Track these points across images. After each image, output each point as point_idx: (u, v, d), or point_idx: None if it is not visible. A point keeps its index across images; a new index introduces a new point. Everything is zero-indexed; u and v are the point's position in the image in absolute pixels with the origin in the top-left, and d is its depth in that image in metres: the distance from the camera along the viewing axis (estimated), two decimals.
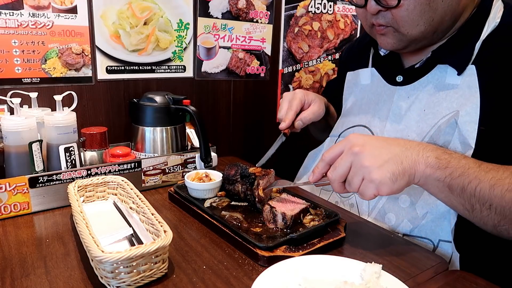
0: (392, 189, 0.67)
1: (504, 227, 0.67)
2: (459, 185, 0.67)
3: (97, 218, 0.82)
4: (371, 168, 0.67)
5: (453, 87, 0.81)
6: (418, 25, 0.78)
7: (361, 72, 1.05)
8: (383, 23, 0.82)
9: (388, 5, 0.78)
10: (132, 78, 1.30)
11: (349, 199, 0.98)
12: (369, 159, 0.67)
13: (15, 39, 1.09)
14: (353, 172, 0.69)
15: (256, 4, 1.48)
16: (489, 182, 0.65)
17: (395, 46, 0.85)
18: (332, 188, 0.73)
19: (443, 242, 0.79)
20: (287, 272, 0.63)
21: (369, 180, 0.67)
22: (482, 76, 0.77)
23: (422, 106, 0.85)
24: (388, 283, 0.61)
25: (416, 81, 0.88)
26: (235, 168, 0.91)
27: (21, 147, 0.91)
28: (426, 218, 0.82)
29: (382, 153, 0.68)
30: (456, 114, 0.78)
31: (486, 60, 0.78)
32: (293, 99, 0.97)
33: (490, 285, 0.67)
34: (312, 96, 1.00)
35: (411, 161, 0.68)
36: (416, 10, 0.76)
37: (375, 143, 0.70)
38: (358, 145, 0.69)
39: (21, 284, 0.63)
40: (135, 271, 0.62)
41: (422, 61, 0.87)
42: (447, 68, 0.83)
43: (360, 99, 1.03)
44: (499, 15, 0.80)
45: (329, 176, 0.72)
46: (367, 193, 0.68)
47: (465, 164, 0.67)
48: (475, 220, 0.70)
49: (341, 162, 0.70)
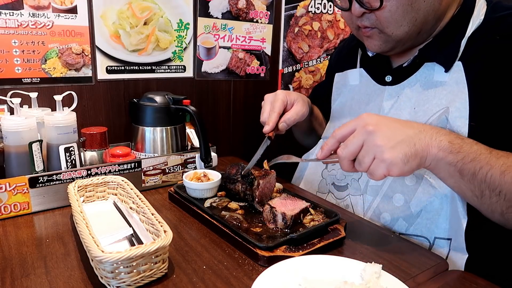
0: (402, 170, 0.67)
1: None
2: (470, 170, 0.67)
3: (97, 218, 0.82)
4: (384, 148, 0.66)
5: (442, 84, 0.82)
6: (402, 26, 0.79)
7: (350, 72, 1.05)
8: (368, 25, 0.83)
9: (372, 7, 0.79)
10: (132, 78, 1.30)
11: (344, 200, 0.99)
12: (382, 138, 0.67)
13: (15, 39, 1.09)
14: (365, 150, 0.68)
15: (256, 4, 1.48)
16: (500, 168, 0.66)
17: (381, 48, 0.86)
18: (341, 166, 0.73)
19: (439, 240, 0.80)
20: (287, 272, 0.63)
21: (381, 159, 0.66)
22: (469, 72, 0.78)
23: (412, 104, 0.86)
24: (388, 283, 0.61)
25: (405, 80, 0.89)
26: (236, 168, 0.91)
27: (21, 147, 0.91)
28: (420, 216, 0.83)
29: (396, 133, 0.68)
30: (446, 111, 0.79)
31: (472, 56, 0.79)
32: (275, 101, 0.94)
33: (491, 285, 0.67)
34: (294, 95, 0.97)
35: (424, 143, 0.68)
36: (399, 11, 0.77)
37: (389, 123, 0.70)
38: (372, 124, 0.68)
39: (21, 284, 0.63)
40: (135, 271, 0.62)
41: (409, 60, 0.88)
42: (435, 66, 0.84)
43: (349, 99, 1.03)
44: (482, 12, 0.81)
45: (340, 154, 0.71)
46: (377, 173, 0.68)
47: (477, 150, 0.68)
48: (483, 207, 0.70)
49: (353, 140, 0.69)
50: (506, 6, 0.80)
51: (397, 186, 0.86)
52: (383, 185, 0.89)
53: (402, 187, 0.85)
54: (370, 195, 0.91)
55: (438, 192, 0.80)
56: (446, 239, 0.79)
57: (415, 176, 0.84)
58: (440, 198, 0.80)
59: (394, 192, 0.87)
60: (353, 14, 0.82)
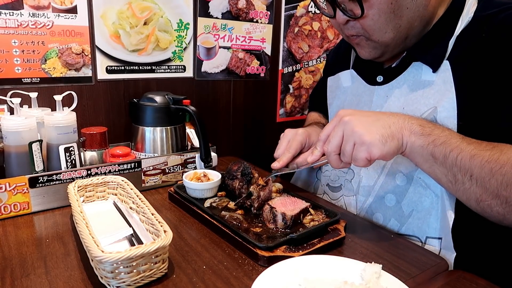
0: (382, 151, 0.69)
1: (487, 203, 0.68)
2: (441, 152, 0.69)
3: (97, 218, 0.82)
4: (361, 131, 0.70)
5: (429, 84, 0.82)
6: (387, 32, 0.80)
7: (341, 75, 1.06)
8: (353, 33, 0.84)
9: (355, 15, 0.80)
10: (132, 78, 1.30)
11: (338, 201, 0.99)
12: (358, 124, 0.71)
13: (15, 39, 1.09)
14: (345, 140, 0.73)
15: (256, 4, 1.48)
16: (470, 152, 0.67)
17: (372, 55, 0.87)
18: (330, 164, 0.77)
19: (430, 239, 0.81)
20: (287, 272, 0.63)
21: (360, 143, 0.70)
22: (456, 71, 0.78)
23: (401, 104, 0.87)
24: (388, 283, 0.61)
25: (394, 80, 0.89)
26: (238, 165, 0.92)
27: (21, 147, 0.91)
28: (412, 216, 0.84)
29: (371, 120, 0.72)
30: (434, 111, 0.80)
31: (460, 55, 0.79)
32: (293, 140, 0.94)
33: (490, 285, 0.67)
34: (314, 138, 0.97)
35: (398, 126, 0.72)
36: (381, 19, 0.78)
37: (363, 112, 0.75)
38: (347, 115, 0.74)
39: (21, 284, 0.63)
40: (135, 271, 0.62)
41: (398, 60, 0.88)
42: (422, 66, 0.84)
43: (343, 101, 1.04)
44: (472, 10, 0.81)
45: (325, 149, 0.76)
46: (360, 157, 0.71)
47: (448, 134, 0.70)
48: (458, 193, 0.72)
49: (333, 134, 0.75)
50: (497, 2, 0.79)
51: (388, 186, 0.87)
52: (375, 185, 0.90)
53: (394, 187, 0.86)
54: (362, 195, 0.92)
55: (429, 192, 0.81)
56: (437, 238, 0.80)
57: (406, 176, 0.84)
58: (431, 198, 0.80)
59: (386, 192, 0.87)
60: (338, 21, 0.84)
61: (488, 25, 0.76)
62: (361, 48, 0.88)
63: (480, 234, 0.77)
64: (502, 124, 0.72)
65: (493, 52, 0.74)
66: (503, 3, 0.78)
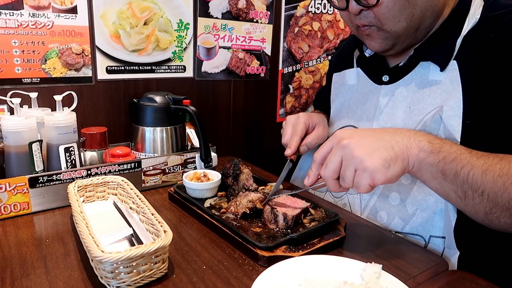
0: (386, 176, 0.66)
1: (495, 215, 0.67)
2: (452, 170, 0.67)
3: (97, 218, 0.82)
4: (362, 156, 0.65)
5: (436, 83, 0.82)
6: (400, 21, 0.79)
7: (347, 72, 1.05)
8: (366, 23, 0.83)
9: (369, 4, 0.79)
10: (132, 78, 1.30)
11: (342, 199, 0.99)
12: (358, 149, 0.66)
13: (15, 39, 1.09)
14: (345, 165, 0.68)
15: (256, 4, 1.48)
16: (481, 167, 0.65)
17: (382, 46, 0.86)
18: (328, 187, 0.73)
19: (434, 238, 0.80)
20: (287, 272, 0.63)
21: (362, 169, 0.66)
22: (463, 71, 0.78)
23: (407, 103, 0.86)
24: (388, 283, 0.61)
25: (401, 79, 0.89)
26: (230, 163, 0.96)
27: (21, 147, 0.91)
28: (416, 215, 0.83)
29: (371, 141, 0.68)
30: (440, 110, 0.79)
31: (467, 55, 0.79)
32: (297, 124, 0.95)
33: (491, 285, 0.67)
34: (316, 118, 0.98)
35: (402, 145, 0.68)
36: (396, 7, 0.77)
37: (363, 133, 0.70)
38: (345, 138, 0.69)
39: (21, 284, 0.63)
40: (135, 271, 0.62)
41: (405, 59, 0.88)
42: (430, 65, 0.84)
43: (347, 99, 1.04)
44: (479, 11, 0.81)
45: (322, 174, 0.71)
46: (362, 184, 0.66)
47: (457, 150, 0.68)
48: (467, 208, 0.70)
49: (331, 158, 0.70)
50: (503, 4, 0.79)
51: (393, 185, 0.87)
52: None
53: (398, 186, 0.86)
54: (366, 194, 0.92)
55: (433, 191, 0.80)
56: (440, 238, 0.80)
57: (410, 175, 0.84)
58: (435, 197, 0.80)
59: (390, 191, 0.87)
60: (351, 12, 0.82)
61: (496, 26, 0.76)
62: (371, 40, 0.86)
63: (483, 234, 0.77)
64: (509, 125, 0.72)
65: (501, 53, 0.74)
66: (510, 5, 0.78)
